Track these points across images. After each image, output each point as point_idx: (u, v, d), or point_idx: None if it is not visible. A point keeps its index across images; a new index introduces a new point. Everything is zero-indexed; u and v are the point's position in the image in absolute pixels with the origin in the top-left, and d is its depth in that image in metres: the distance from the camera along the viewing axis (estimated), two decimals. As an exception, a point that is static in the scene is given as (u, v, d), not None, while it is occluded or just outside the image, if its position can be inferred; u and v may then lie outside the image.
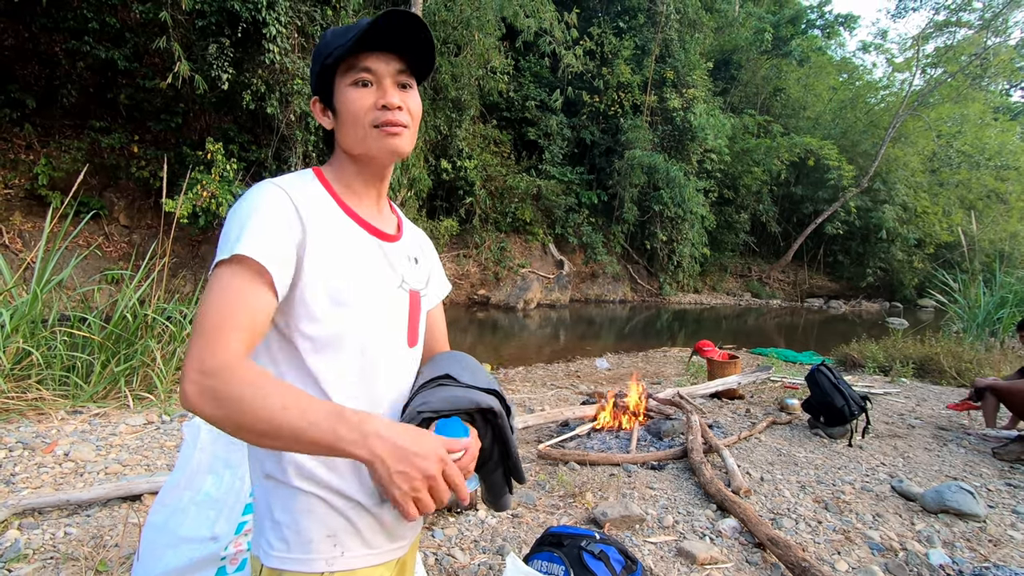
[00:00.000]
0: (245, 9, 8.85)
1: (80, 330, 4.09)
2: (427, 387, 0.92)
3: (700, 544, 2.44)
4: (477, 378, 0.94)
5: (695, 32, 18.89)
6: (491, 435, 0.91)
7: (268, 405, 0.70)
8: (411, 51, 0.88)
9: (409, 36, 0.86)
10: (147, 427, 3.65)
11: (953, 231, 20.53)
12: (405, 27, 0.85)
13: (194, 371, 0.71)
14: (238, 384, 0.71)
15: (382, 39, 0.85)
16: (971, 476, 3.52)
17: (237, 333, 0.74)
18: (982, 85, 23.07)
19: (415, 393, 0.92)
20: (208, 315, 0.74)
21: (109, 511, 2.54)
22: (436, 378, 0.93)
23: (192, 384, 0.71)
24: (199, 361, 0.71)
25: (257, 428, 0.71)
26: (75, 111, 10.66)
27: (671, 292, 18.53)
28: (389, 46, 0.87)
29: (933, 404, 5.46)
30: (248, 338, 0.75)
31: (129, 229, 10.86)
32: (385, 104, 0.86)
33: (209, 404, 0.70)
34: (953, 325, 9.86)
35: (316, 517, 0.85)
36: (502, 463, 0.94)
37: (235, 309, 0.75)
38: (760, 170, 20.15)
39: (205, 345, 0.72)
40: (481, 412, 0.88)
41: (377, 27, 0.83)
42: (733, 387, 5.31)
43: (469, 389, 0.90)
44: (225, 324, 0.74)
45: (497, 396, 0.92)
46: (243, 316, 0.75)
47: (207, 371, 0.71)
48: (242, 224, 0.79)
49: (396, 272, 0.95)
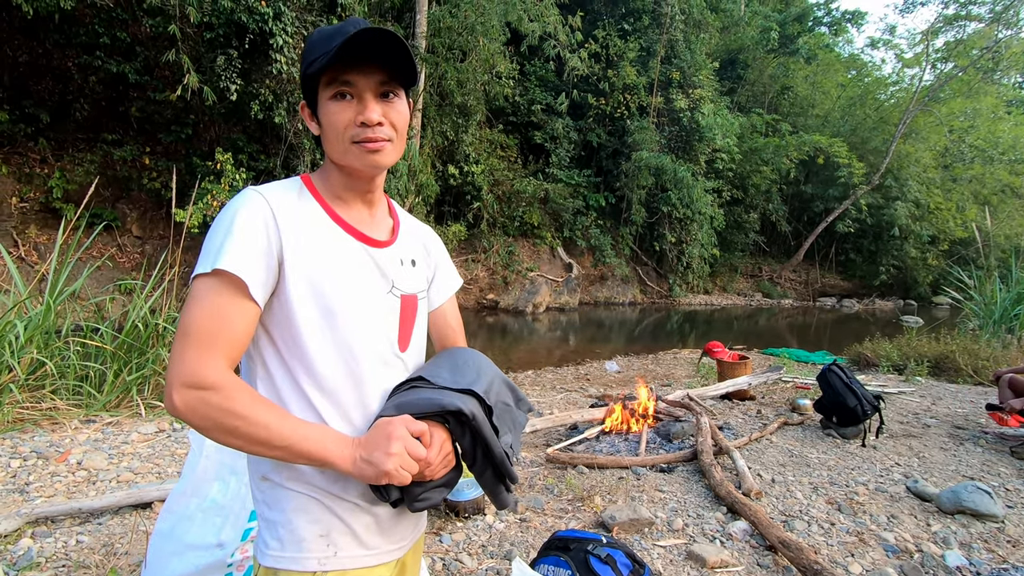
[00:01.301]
0: (252, 20, 8.97)
1: (93, 340, 4.14)
2: (399, 390, 0.92)
3: (710, 547, 2.41)
4: (461, 378, 0.93)
5: (700, 32, 18.82)
6: (469, 436, 0.90)
7: (263, 421, 0.76)
8: (391, 61, 0.86)
9: (388, 47, 0.84)
10: (158, 435, 3.69)
11: (967, 227, 20.21)
12: (382, 40, 0.83)
13: (181, 384, 0.75)
14: (234, 400, 0.76)
15: (362, 52, 0.83)
16: (989, 476, 3.46)
17: (221, 349, 0.77)
18: (994, 79, 22.74)
19: (390, 396, 0.92)
20: (192, 328, 0.77)
21: (120, 519, 2.56)
22: (409, 380, 0.93)
23: (179, 395, 0.75)
24: (187, 375, 0.75)
25: (249, 438, 0.77)
26: (88, 125, 10.84)
27: (681, 293, 18.40)
28: (370, 58, 0.84)
29: (949, 403, 5.37)
30: (232, 352, 0.79)
31: (141, 240, 11.00)
32: (364, 120, 0.85)
33: (196, 416, 0.75)
34: (969, 322, 9.70)
35: (309, 516, 0.86)
36: (488, 463, 0.93)
37: (217, 324, 0.78)
38: (769, 169, 19.97)
39: (193, 359, 0.76)
40: (452, 414, 0.87)
41: (355, 42, 0.81)
42: (744, 388, 5.26)
43: (438, 391, 0.89)
44: (208, 339, 0.77)
45: (475, 396, 0.90)
46: (226, 331, 0.78)
47: (194, 385, 0.75)
48: (223, 235, 0.81)
49: (386, 278, 0.95)
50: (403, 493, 0.86)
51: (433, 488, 0.88)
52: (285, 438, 0.77)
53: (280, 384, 0.86)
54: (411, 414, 0.85)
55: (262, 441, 0.77)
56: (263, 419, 0.76)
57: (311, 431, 0.80)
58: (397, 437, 0.79)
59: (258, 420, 0.76)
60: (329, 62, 0.82)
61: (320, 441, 0.80)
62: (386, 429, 0.81)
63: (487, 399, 0.91)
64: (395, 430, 0.80)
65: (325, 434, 0.81)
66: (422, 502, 0.87)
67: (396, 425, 0.81)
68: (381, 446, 0.79)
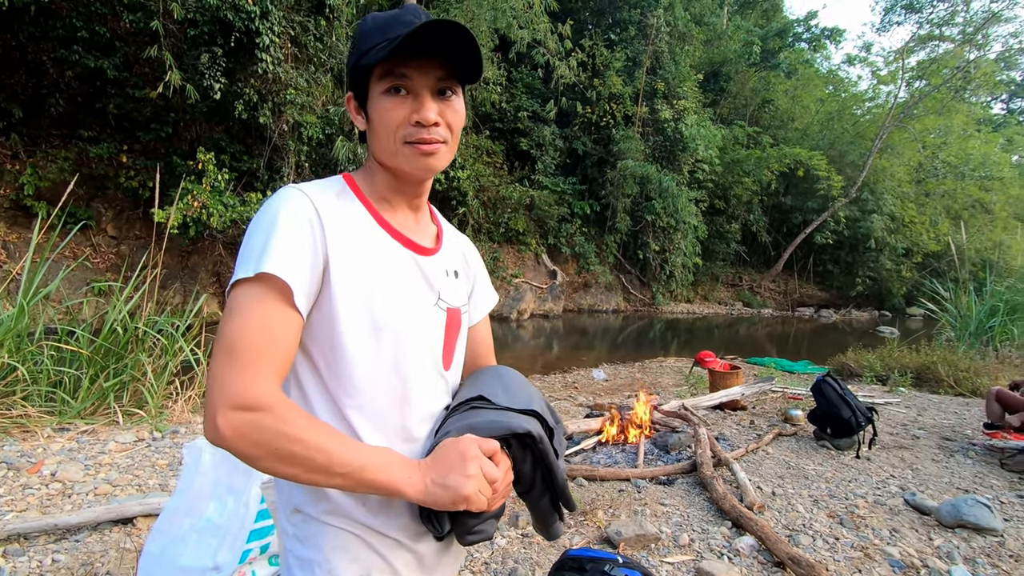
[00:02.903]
0: (238, 19, 8.79)
1: (68, 344, 3.95)
2: (459, 410, 0.84)
3: (719, 564, 2.36)
4: (517, 398, 0.87)
5: (685, 44, 19.10)
6: (531, 460, 0.83)
7: (323, 446, 0.68)
8: (454, 56, 0.78)
9: (452, 40, 0.76)
10: (138, 444, 3.52)
11: (940, 240, 20.78)
12: (447, 32, 0.75)
13: (228, 406, 0.65)
14: (290, 423, 0.66)
15: (422, 45, 0.75)
16: (982, 488, 3.48)
17: (271, 365, 0.68)
18: (964, 97, 23.50)
19: (447, 416, 0.85)
20: (238, 342, 0.68)
21: (100, 535, 2.41)
22: (469, 399, 0.86)
23: (225, 419, 0.65)
24: (235, 395, 0.65)
25: (307, 465, 0.68)
26: (63, 121, 10.49)
27: (664, 302, 18.54)
28: (430, 51, 0.77)
29: (934, 414, 5.44)
30: (282, 369, 0.71)
31: (117, 240, 10.67)
32: (420, 120, 0.78)
33: (246, 442, 0.65)
34: (944, 333, 9.93)
35: (350, 555, 0.78)
36: (547, 489, 0.86)
37: (266, 337, 0.69)
38: (750, 180, 20.29)
39: (241, 377, 0.66)
40: (517, 436, 0.81)
41: (417, 37, 0.74)
42: (736, 398, 5.26)
43: (503, 411, 0.83)
44: (258, 354, 0.67)
45: (538, 416, 0.84)
46: (275, 345, 0.69)
47: (245, 406, 0.65)
48: (266, 235, 0.72)
49: (433, 289, 0.87)
50: (454, 525, 0.78)
51: (488, 519, 0.80)
52: (347, 464, 0.68)
53: (317, 406, 0.78)
54: (481, 437, 0.77)
55: (321, 468, 0.67)
56: (322, 443, 0.67)
57: (376, 456, 0.72)
58: (472, 457, 0.72)
59: (317, 444, 0.67)
60: (388, 54, 0.74)
61: (387, 467, 0.71)
62: (458, 448, 0.74)
63: (548, 420, 0.84)
64: (469, 449, 0.73)
65: (391, 459, 0.73)
66: (476, 535, 0.79)
67: (468, 444, 0.74)
68: (457, 468, 0.72)
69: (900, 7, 22.80)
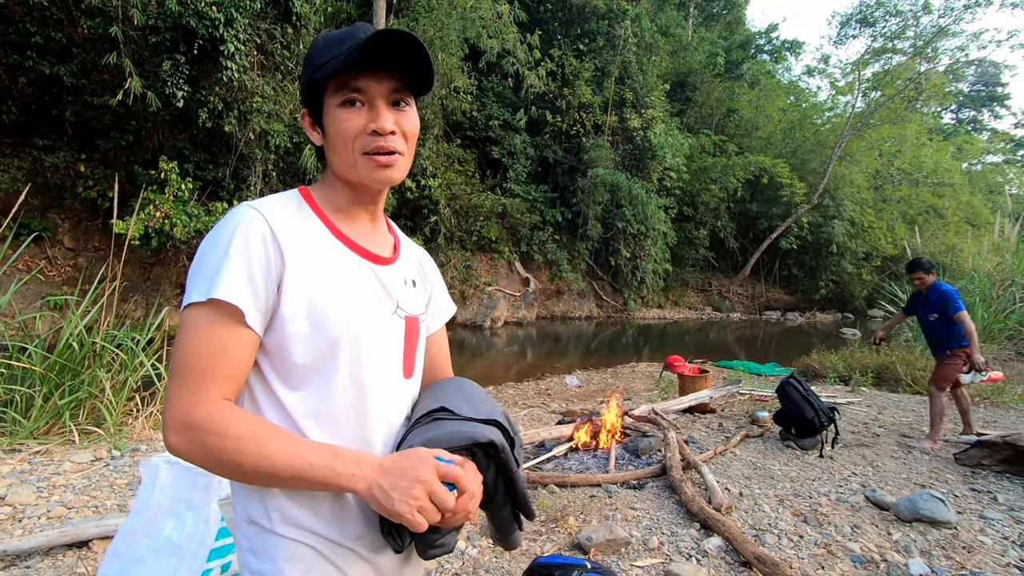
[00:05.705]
0: (202, 26, 8.63)
1: (20, 361, 3.79)
2: (422, 422, 0.84)
3: (687, 566, 2.39)
4: (479, 408, 0.87)
5: (652, 55, 19.49)
6: (494, 469, 0.84)
7: (264, 453, 0.70)
8: (407, 68, 0.81)
9: (405, 53, 0.79)
10: (95, 464, 3.39)
11: (897, 244, 21.58)
12: (399, 42, 0.77)
13: (178, 423, 0.70)
14: (229, 437, 0.69)
15: (376, 57, 0.78)
16: (937, 483, 3.61)
17: (219, 383, 0.72)
18: (917, 108, 24.55)
19: (410, 429, 0.85)
20: (186, 363, 0.72)
21: (52, 560, 2.31)
22: (432, 411, 0.86)
23: (176, 435, 0.70)
24: (183, 413, 0.70)
25: (256, 473, 0.71)
26: (16, 129, 10.11)
27: (635, 307, 18.78)
28: (383, 64, 0.79)
29: (893, 412, 5.63)
30: (231, 386, 0.74)
31: (74, 252, 10.30)
32: (376, 129, 0.79)
33: (198, 455, 0.70)
34: (903, 334, 10.30)
35: (304, 565, 0.77)
36: (509, 498, 0.86)
37: (215, 357, 0.72)
38: (717, 187, 20.80)
39: (190, 396, 0.70)
40: (481, 446, 0.81)
41: (370, 46, 0.75)
42: (705, 401, 5.35)
43: (466, 422, 0.83)
44: (203, 374, 0.71)
45: (499, 426, 0.85)
46: (225, 364, 0.72)
47: (192, 424, 0.69)
48: (219, 258, 0.73)
49: (391, 297, 0.88)
50: (415, 538, 0.78)
51: (449, 533, 0.80)
52: (292, 467, 0.70)
53: (270, 419, 0.77)
54: (444, 448, 0.77)
55: (270, 474, 0.71)
56: (264, 451, 0.70)
57: (319, 455, 0.72)
58: (422, 481, 0.71)
59: (259, 452, 0.69)
60: (342, 66, 0.76)
61: (330, 464, 0.72)
62: (415, 468, 0.72)
63: (509, 430, 0.84)
64: (422, 472, 0.71)
65: (337, 455, 0.73)
66: (438, 549, 0.79)
67: (424, 468, 0.72)
68: (403, 485, 0.71)
69: (855, 21, 23.77)
